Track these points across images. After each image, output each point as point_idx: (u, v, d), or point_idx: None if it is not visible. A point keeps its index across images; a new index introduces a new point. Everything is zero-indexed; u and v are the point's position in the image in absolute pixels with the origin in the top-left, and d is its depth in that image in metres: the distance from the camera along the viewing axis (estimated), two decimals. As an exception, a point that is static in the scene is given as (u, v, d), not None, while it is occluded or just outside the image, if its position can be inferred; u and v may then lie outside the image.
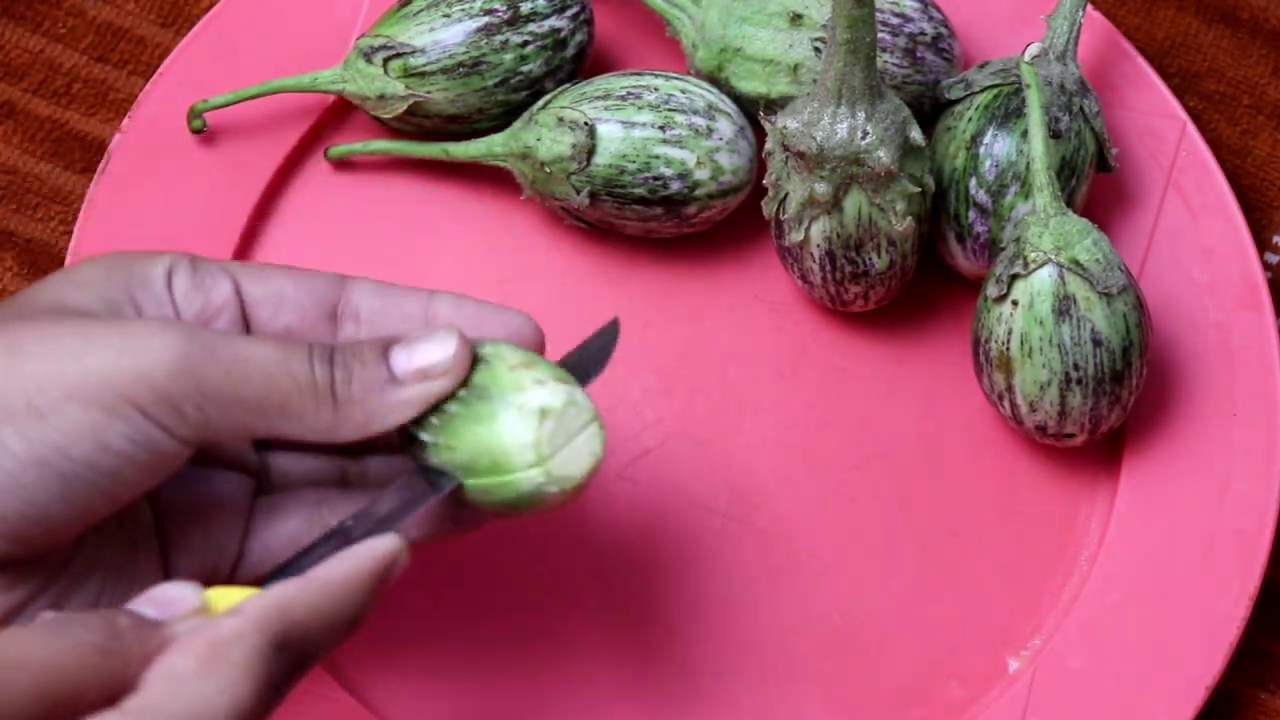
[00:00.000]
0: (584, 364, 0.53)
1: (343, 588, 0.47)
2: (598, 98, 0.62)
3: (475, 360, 0.51)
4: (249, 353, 0.48)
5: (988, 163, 0.62)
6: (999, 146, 0.62)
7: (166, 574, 0.52)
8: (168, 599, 0.46)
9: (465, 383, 0.50)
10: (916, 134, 0.60)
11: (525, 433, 0.49)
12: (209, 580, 0.53)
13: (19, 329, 0.48)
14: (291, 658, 0.46)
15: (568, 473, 0.50)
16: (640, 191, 0.62)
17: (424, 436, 0.51)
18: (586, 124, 0.62)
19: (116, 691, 0.44)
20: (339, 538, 0.49)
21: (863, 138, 0.59)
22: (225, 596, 0.47)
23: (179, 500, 0.53)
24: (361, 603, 0.47)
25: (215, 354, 0.48)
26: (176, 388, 0.47)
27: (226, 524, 0.53)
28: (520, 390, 0.50)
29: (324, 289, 0.53)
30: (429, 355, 0.50)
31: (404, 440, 0.52)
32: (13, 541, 0.47)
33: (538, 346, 0.53)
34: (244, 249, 0.65)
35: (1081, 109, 0.63)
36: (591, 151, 0.62)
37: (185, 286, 0.51)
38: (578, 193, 0.62)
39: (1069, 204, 0.62)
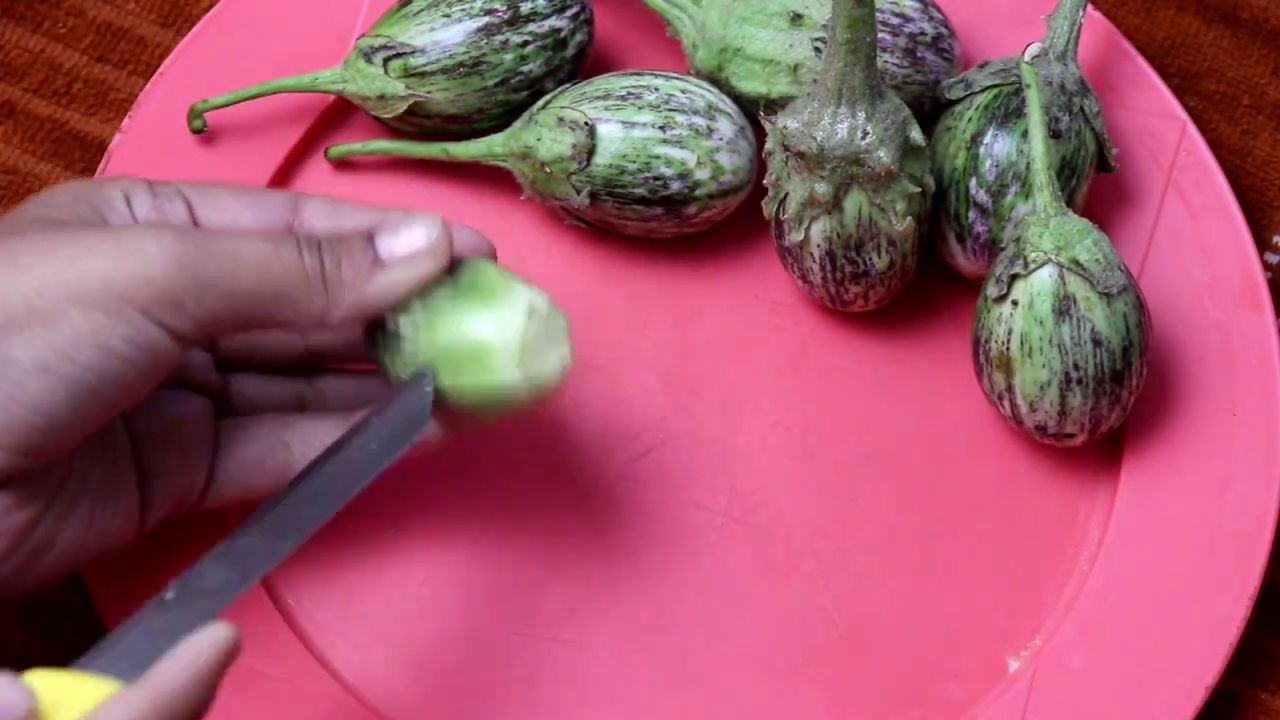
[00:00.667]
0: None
1: (183, 692, 0.47)
2: (598, 98, 0.62)
3: (459, 264, 0.54)
4: (240, 244, 0.50)
5: (988, 163, 0.62)
6: (999, 146, 0.62)
7: (143, 498, 0.53)
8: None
9: (454, 277, 0.53)
10: (916, 134, 0.60)
11: (513, 324, 0.52)
12: (178, 505, 0.55)
13: (12, 243, 0.49)
14: None
15: (542, 370, 0.53)
16: (640, 191, 0.62)
17: (406, 330, 0.53)
18: (586, 124, 0.62)
19: None
20: (161, 611, 0.49)
21: (863, 138, 0.59)
22: (56, 688, 0.46)
23: (151, 424, 0.54)
24: (204, 698, 0.47)
25: (208, 248, 0.49)
26: (175, 283, 0.49)
27: (196, 448, 0.55)
28: (510, 289, 0.53)
29: (277, 210, 0.55)
30: (412, 239, 0.53)
31: (374, 346, 0.54)
32: (22, 453, 0.48)
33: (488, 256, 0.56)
34: (244, 249, 0.65)
35: (1082, 109, 0.63)
36: (591, 151, 0.62)
37: (145, 208, 0.53)
38: (578, 193, 0.62)
39: (1069, 204, 0.62)
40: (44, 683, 0.46)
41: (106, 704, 0.46)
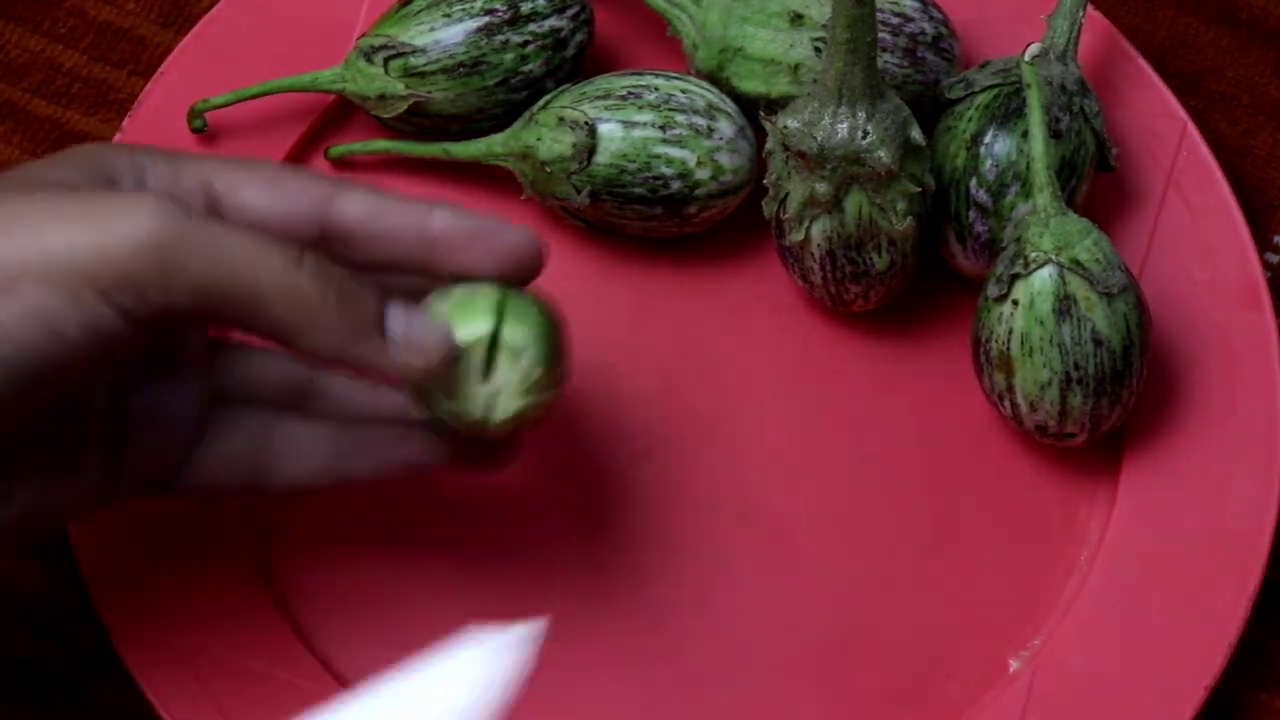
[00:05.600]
0: None
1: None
2: (598, 97, 0.62)
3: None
4: (228, 238, 0.47)
5: (988, 162, 0.62)
6: (999, 146, 0.62)
7: (108, 477, 0.51)
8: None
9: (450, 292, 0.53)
10: (917, 134, 0.60)
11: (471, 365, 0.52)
12: (147, 489, 0.52)
13: None
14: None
15: (495, 398, 0.52)
16: (640, 191, 0.62)
17: None
18: (587, 124, 0.62)
19: None
20: None
21: (863, 137, 0.59)
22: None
23: (136, 406, 0.51)
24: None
25: (190, 235, 0.46)
26: (141, 267, 0.45)
27: (177, 436, 0.52)
28: (473, 317, 0.52)
29: (307, 200, 0.51)
30: (424, 337, 0.50)
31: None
32: None
33: (535, 265, 0.54)
34: (244, 249, 0.65)
35: (1082, 109, 0.63)
36: (592, 151, 0.62)
37: (160, 184, 0.50)
38: (578, 192, 0.62)
39: (1069, 204, 0.62)
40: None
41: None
